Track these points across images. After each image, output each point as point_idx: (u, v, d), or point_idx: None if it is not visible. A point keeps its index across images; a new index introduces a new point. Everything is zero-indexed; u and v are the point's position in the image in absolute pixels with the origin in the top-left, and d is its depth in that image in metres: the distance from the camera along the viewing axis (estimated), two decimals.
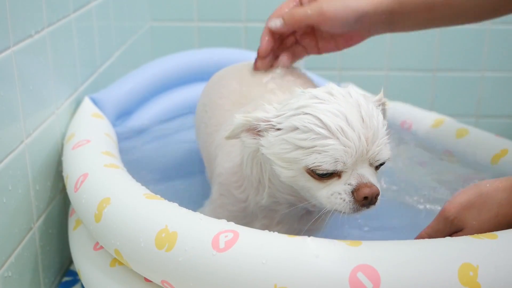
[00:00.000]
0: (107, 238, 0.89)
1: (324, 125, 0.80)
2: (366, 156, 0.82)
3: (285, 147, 0.83)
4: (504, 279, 0.74)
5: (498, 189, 0.83)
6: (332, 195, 0.82)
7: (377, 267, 0.72)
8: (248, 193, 0.95)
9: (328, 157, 0.80)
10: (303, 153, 0.82)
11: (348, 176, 0.82)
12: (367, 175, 0.82)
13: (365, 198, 0.81)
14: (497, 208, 0.83)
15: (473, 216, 0.82)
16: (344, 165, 0.81)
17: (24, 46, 1.02)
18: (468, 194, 0.83)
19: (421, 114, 1.44)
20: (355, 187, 0.81)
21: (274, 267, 0.74)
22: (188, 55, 1.60)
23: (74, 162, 1.06)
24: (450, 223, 0.83)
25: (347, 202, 0.81)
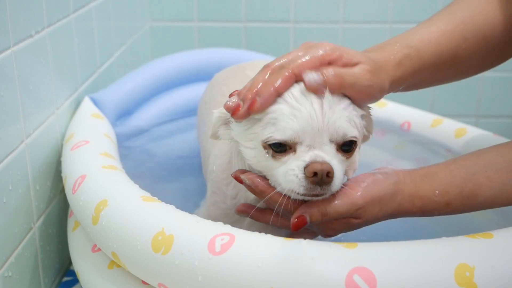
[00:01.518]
0: (104, 241, 0.89)
1: (284, 101, 0.80)
2: (321, 125, 0.79)
3: (247, 123, 0.84)
4: (500, 279, 0.75)
5: (398, 192, 0.83)
6: (287, 173, 0.80)
7: (373, 269, 0.73)
8: (238, 189, 0.96)
9: (280, 125, 0.79)
10: (260, 125, 0.82)
11: (303, 154, 0.80)
12: (323, 155, 0.79)
13: (315, 175, 0.78)
14: (391, 210, 0.83)
15: (374, 212, 0.82)
16: (295, 134, 0.79)
17: (24, 46, 1.02)
18: (380, 189, 0.82)
19: (419, 114, 1.44)
20: (307, 163, 0.79)
21: (270, 270, 0.74)
22: (188, 55, 1.60)
23: (72, 163, 1.06)
24: (354, 210, 0.81)
25: (300, 178, 0.79)
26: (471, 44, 0.93)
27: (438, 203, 0.84)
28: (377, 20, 1.93)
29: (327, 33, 1.94)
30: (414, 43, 0.89)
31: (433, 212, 0.85)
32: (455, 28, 0.93)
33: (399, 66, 0.88)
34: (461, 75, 1.01)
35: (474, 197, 0.84)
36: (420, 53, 0.90)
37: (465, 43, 0.93)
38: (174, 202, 0.90)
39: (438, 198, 0.84)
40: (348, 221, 0.83)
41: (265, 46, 1.90)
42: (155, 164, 1.36)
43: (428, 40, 0.91)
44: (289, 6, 1.90)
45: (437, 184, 0.84)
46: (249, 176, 0.85)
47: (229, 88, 1.13)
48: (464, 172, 0.84)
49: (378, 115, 1.47)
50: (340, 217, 0.82)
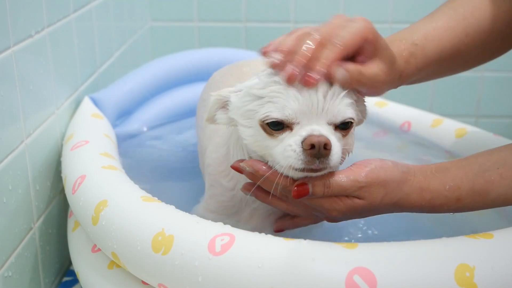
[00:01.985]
0: (104, 241, 0.89)
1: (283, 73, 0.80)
2: (321, 111, 0.80)
3: (246, 99, 0.84)
4: (500, 280, 0.75)
5: (406, 182, 0.82)
6: (285, 150, 0.80)
7: (373, 270, 0.73)
8: (235, 180, 0.96)
9: (278, 104, 0.80)
10: (259, 103, 0.82)
11: (300, 129, 0.80)
12: (320, 129, 0.80)
13: (312, 147, 0.78)
14: (397, 199, 0.83)
15: (378, 195, 0.82)
16: (293, 114, 0.80)
17: (24, 46, 1.02)
18: (387, 174, 0.82)
19: (419, 114, 1.44)
20: (305, 137, 0.79)
21: (270, 270, 0.74)
22: (188, 55, 1.60)
23: (72, 163, 1.06)
24: (358, 187, 0.81)
25: (297, 153, 0.79)
26: (473, 39, 0.94)
27: (449, 198, 0.84)
28: (377, 20, 1.92)
29: None
30: (419, 41, 0.90)
31: (443, 207, 0.84)
32: (457, 24, 0.93)
33: (406, 65, 0.89)
34: (462, 69, 1.01)
35: (486, 193, 0.84)
36: (425, 50, 0.90)
37: (467, 38, 0.94)
38: (174, 202, 0.90)
39: (448, 193, 0.83)
40: (352, 202, 0.82)
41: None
42: (155, 164, 1.36)
43: (431, 37, 0.91)
44: (289, 6, 1.90)
45: (448, 179, 0.84)
46: (248, 162, 0.85)
47: (226, 86, 1.13)
48: (476, 168, 0.84)
49: (378, 115, 1.48)
50: (343, 193, 0.81)
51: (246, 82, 0.87)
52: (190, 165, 1.33)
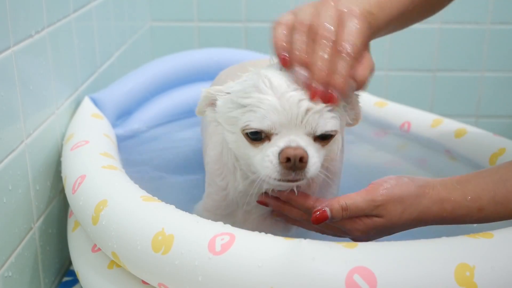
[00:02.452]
0: (104, 241, 0.89)
1: (267, 82, 0.80)
2: (300, 122, 0.80)
3: (230, 106, 0.84)
4: (500, 279, 0.75)
5: (425, 195, 0.83)
6: (263, 160, 0.81)
7: (373, 269, 0.73)
8: (227, 180, 0.96)
9: (259, 114, 0.80)
10: (241, 111, 0.82)
11: (279, 139, 0.80)
12: (298, 140, 0.80)
13: (288, 160, 0.79)
14: (417, 213, 0.84)
15: (396, 212, 0.83)
16: (272, 125, 0.80)
17: (24, 46, 1.02)
18: (403, 190, 0.83)
19: (419, 114, 1.44)
20: (282, 148, 0.79)
21: (270, 270, 0.74)
22: (188, 55, 1.60)
23: (72, 163, 1.06)
24: (374, 207, 0.82)
25: (274, 164, 0.80)
26: (416, 4, 0.96)
27: (470, 208, 0.84)
28: None
29: None
30: (374, 9, 0.90)
31: (465, 217, 0.85)
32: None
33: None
34: (409, 25, 1.03)
35: (508, 203, 0.84)
36: (378, 20, 0.91)
37: (412, 4, 0.95)
38: (174, 202, 0.90)
39: (470, 203, 0.84)
40: (373, 221, 0.83)
41: (265, 46, 1.89)
42: (155, 164, 1.36)
43: (384, 5, 0.91)
44: (289, 6, 1.90)
45: (469, 190, 0.84)
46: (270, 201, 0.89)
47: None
48: (497, 178, 0.85)
49: (378, 115, 1.48)
50: (361, 213, 0.83)
51: (233, 85, 0.87)
52: (190, 165, 1.33)
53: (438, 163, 1.34)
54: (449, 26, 1.92)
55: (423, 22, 2.06)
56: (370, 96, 1.55)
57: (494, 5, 1.89)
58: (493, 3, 1.89)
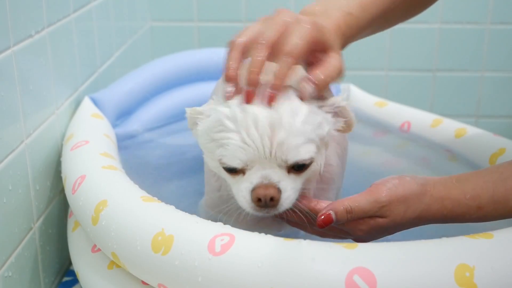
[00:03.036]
0: (104, 241, 0.89)
1: (233, 119, 0.79)
2: (269, 155, 0.79)
3: (206, 138, 0.84)
4: (500, 279, 0.75)
5: (426, 194, 0.84)
6: (237, 192, 0.82)
7: (373, 270, 0.73)
8: (220, 182, 0.96)
9: (228, 152, 0.79)
10: (215, 145, 0.82)
11: (252, 175, 0.80)
12: (271, 175, 0.79)
13: (259, 200, 0.79)
14: (419, 212, 0.84)
15: (400, 211, 0.83)
16: (243, 163, 0.79)
17: (24, 46, 1.02)
18: (406, 189, 0.83)
19: (419, 114, 1.44)
20: (254, 185, 0.79)
21: (270, 270, 0.74)
22: (188, 55, 1.60)
23: (72, 163, 1.06)
24: (378, 207, 0.82)
25: (247, 200, 0.80)
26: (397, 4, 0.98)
27: (470, 206, 0.84)
28: None
29: None
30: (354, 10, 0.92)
31: (465, 216, 0.85)
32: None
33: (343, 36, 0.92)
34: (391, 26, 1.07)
35: (506, 202, 0.84)
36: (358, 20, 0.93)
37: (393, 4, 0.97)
38: (174, 202, 0.90)
39: (469, 202, 0.84)
40: (376, 222, 0.83)
41: None
42: (155, 164, 1.36)
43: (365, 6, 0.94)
44: (289, 6, 1.90)
45: (468, 188, 0.85)
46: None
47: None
48: (497, 177, 0.85)
49: (378, 115, 1.48)
50: (365, 215, 0.83)
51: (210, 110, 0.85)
52: (190, 165, 1.33)
53: (438, 163, 1.35)
54: (449, 26, 1.92)
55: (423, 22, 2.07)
56: (370, 96, 1.56)
57: (494, 5, 1.89)
58: (493, 3, 1.89)
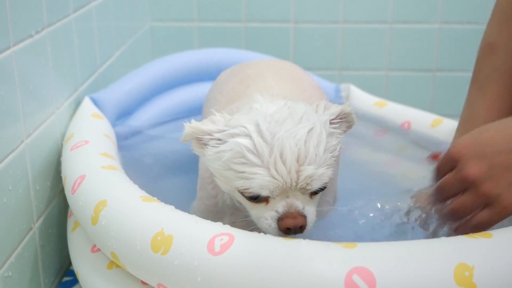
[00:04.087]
0: (104, 241, 0.89)
1: (257, 153, 0.79)
2: (296, 187, 0.81)
3: (221, 165, 0.84)
4: (500, 279, 0.75)
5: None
6: (260, 219, 0.83)
7: (373, 269, 0.73)
8: (217, 190, 0.97)
9: (255, 184, 0.80)
10: (234, 175, 0.82)
11: (277, 203, 0.81)
12: (297, 204, 0.81)
13: (287, 229, 0.81)
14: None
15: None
16: (271, 192, 0.81)
17: (24, 46, 1.02)
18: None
19: (419, 114, 1.44)
20: (281, 215, 0.81)
21: (270, 270, 0.74)
22: (188, 55, 1.60)
23: (72, 163, 1.06)
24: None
25: (273, 228, 0.82)
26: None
27: None
28: (377, 20, 1.93)
29: (327, 33, 1.94)
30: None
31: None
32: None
33: None
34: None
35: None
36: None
37: None
38: (174, 202, 0.90)
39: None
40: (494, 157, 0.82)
41: (265, 46, 1.90)
42: (155, 164, 1.36)
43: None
44: (289, 6, 1.90)
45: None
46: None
47: (228, 86, 1.13)
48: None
49: (378, 115, 1.48)
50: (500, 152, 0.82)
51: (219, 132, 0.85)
52: (190, 165, 1.33)
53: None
54: (449, 26, 1.92)
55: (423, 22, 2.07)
56: (370, 96, 1.56)
57: (494, 5, 1.89)
58: (493, 3, 1.89)
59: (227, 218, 0.98)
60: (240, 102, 1.02)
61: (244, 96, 1.06)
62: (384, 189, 1.23)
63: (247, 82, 1.11)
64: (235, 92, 1.10)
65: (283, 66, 1.20)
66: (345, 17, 1.92)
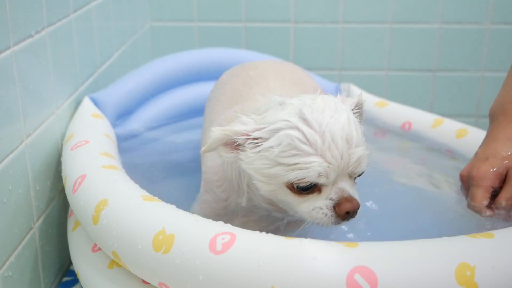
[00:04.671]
0: (105, 240, 0.89)
1: (309, 142, 0.80)
2: (347, 171, 0.83)
3: (266, 163, 0.83)
4: (501, 279, 0.75)
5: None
6: (314, 210, 0.83)
7: (374, 268, 0.73)
8: (229, 193, 0.96)
9: (312, 172, 0.80)
10: (284, 169, 0.82)
11: (329, 191, 0.82)
12: (348, 189, 0.83)
13: (346, 213, 0.82)
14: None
15: None
16: (327, 179, 0.81)
17: (24, 46, 1.02)
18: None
19: (420, 114, 1.44)
20: (336, 201, 0.82)
21: (271, 269, 0.74)
22: (188, 55, 1.60)
23: (72, 163, 1.06)
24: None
25: (329, 216, 0.82)
26: None
27: None
28: (377, 20, 1.93)
29: (327, 33, 1.94)
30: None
31: None
32: None
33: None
34: None
35: None
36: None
37: None
38: (175, 201, 0.90)
39: None
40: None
41: (265, 46, 1.90)
42: (155, 164, 1.36)
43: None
44: (289, 6, 1.90)
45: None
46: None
47: (231, 87, 1.13)
48: None
49: (378, 115, 1.48)
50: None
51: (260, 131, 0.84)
52: (190, 165, 1.33)
53: (439, 163, 1.34)
54: (449, 26, 1.92)
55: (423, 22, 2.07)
56: (371, 96, 1.56)
57: (494, 5, 1.89)
58: (493, 3, 1.89)
59: (238, 219, 0.98)
60: (244, 104, 1.02)
61: (247, 97, 1.06)
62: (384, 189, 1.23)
63: (250, 84, 1.10)
64: (238, 94, 1.10)
65: (285, 68, 1.21)
66: (345, 17, 1.92)
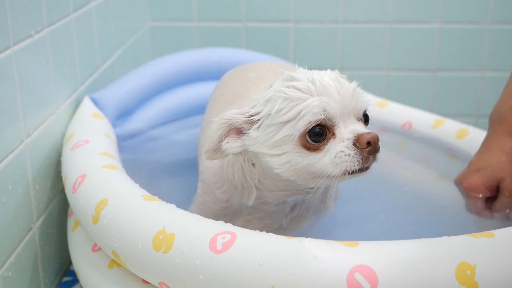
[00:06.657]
0: (105, 240, 0.89)
1: (301, 90, 0.82)
2: (350, 107, 0.83)
3: (271, 131, 0.84)
4: (501, 278, 0.75)
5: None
6: (336, 157, 0.81)
7: (375, 268, 0.73)
8: (230, 195, 0.96)
9: (316, 109, 0.81)
10: (291, 125, 0.82)
11: (343, 133, 0.82)
12: (359, 128, 0.83)
13: (368, 144, 0.81)
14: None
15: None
16: (333, 112, 0.82)
17: (24, 46, 1.02)
18: None
19: (420, 115, 1.44)
20: (354, 138, 0.81)
21: (272, 268, 0.74)
22: (188, 55, 1.60)
23: (72, 163, 1.06)
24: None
25: (353, 155, 0.81)
26: None
27: None
28: (377, 20, 1.93)
29: (327, 33, 1.94)
30: None
31: None
32: None
33: None
34: None
35: None
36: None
37: None
38: (175, 201, 0.90)
39: None
40: None
41: (265, 46, 1.90)
42: (155, 164, 1.36)
43: None
44: (289, 6, 1.90)
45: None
46: None
47: (229, 89, 1.13)
48: None
49: (379, 115, 1.48)
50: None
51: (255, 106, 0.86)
52: (190, 165, 1.33)
53: (440, 162, 1.35)
54: (449, 26, 1.92)
55: (423, 22, 2.07)
56: (371, 96, 1.55)
57: (494, 5, 1.89)
58: (493, 3, 1.89)
59: (242, 218, 0.98)
60: (240, 103, 1.02)
61: (243, 98, 1.06)
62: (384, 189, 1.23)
63: (248, 84, 1.11)
64: (235, 94, 1.10)
65: (284, 69, 1.20)
66: (345, 17, 1.92)
